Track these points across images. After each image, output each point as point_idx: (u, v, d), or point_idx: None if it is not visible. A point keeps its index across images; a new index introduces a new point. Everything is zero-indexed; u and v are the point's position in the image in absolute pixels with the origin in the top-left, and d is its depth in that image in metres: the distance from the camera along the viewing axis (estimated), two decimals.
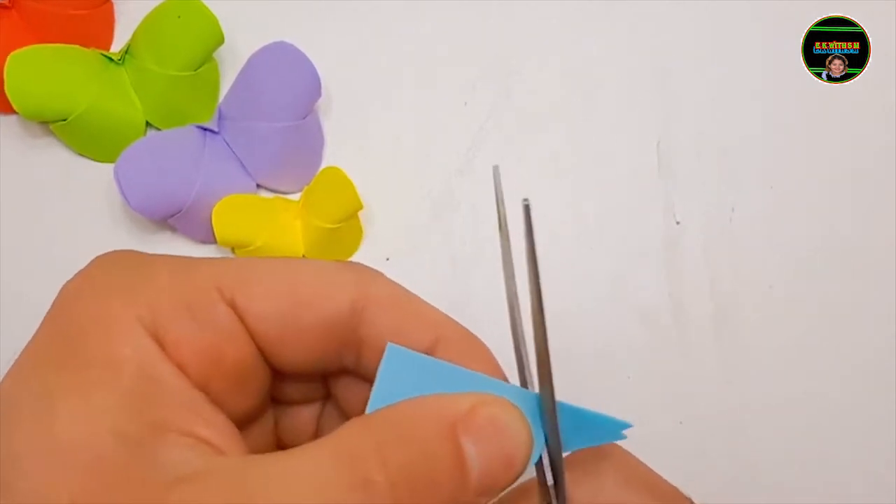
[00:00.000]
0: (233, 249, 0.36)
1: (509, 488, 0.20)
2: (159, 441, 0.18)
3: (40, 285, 0.36)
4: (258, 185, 0.37)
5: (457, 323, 0.23)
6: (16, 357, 0.20)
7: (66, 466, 0.17)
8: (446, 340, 0.22)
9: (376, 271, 0.23)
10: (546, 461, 0.21)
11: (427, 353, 0.21)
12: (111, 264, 0.21)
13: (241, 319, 0.21)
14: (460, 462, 0.18)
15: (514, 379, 0.21)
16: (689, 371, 0.36)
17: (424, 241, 0.37)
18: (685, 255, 0.37)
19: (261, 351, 0.21)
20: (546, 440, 0.20)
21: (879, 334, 0.36)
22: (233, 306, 0.21)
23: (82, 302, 0.20)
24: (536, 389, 0.20)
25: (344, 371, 0.23)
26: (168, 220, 0.35)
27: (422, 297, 0.23)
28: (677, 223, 0.37)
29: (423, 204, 0.38)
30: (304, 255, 0.36)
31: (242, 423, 0.22)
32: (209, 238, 0.36)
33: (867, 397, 0.35)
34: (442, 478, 0.18)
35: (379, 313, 0.22)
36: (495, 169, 0.20)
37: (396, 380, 0.20)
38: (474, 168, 0.38)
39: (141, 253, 0.21)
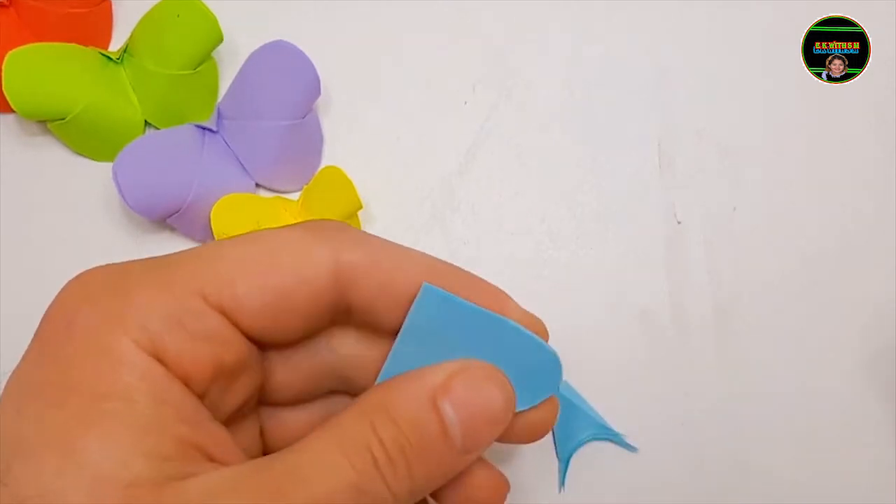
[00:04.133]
0: None
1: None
2: (181, 460, 0.19)
3: (39, 285, 0.36)
4: (257, 185, 0.37)
5: (444, 263, 0.23)
6: (12, 360, 0.19)
7: (109, 491, 0.18)
8: (437, 283, 0.22)
9: (348, 229, 0.23)
10: None
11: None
12: (87, 288, 0.21)
13: (233, 322, 0.21)
14: (443, 427, 0.20)
15: None
16: (690, 371, 0.36)
17: (424, 241, 0.37)
18: (685, 255, 0.37)
19: (254, 341, 0.22)
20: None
21: (880, 334, 0.36)
22: (222, 311, 0.21)
23: (72, 334, 0.20)
24: None
25: (334, 324, 0.24)
26: (167, 219, 0.35)
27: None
28: (678, 223, 0.37)
29: (423, 204, 0.37)
30: None
31: (229, 423, 0.22)
32: (208, 237, 0.36)
33: (868, 397, 0.35)
34: (430, 445, 0.20)
35: (361, 278, 0.22)
36: None
37: (425, 321, 0.22)
38: (474, 168, 0.38)
39: (111, 267, 0.21)
